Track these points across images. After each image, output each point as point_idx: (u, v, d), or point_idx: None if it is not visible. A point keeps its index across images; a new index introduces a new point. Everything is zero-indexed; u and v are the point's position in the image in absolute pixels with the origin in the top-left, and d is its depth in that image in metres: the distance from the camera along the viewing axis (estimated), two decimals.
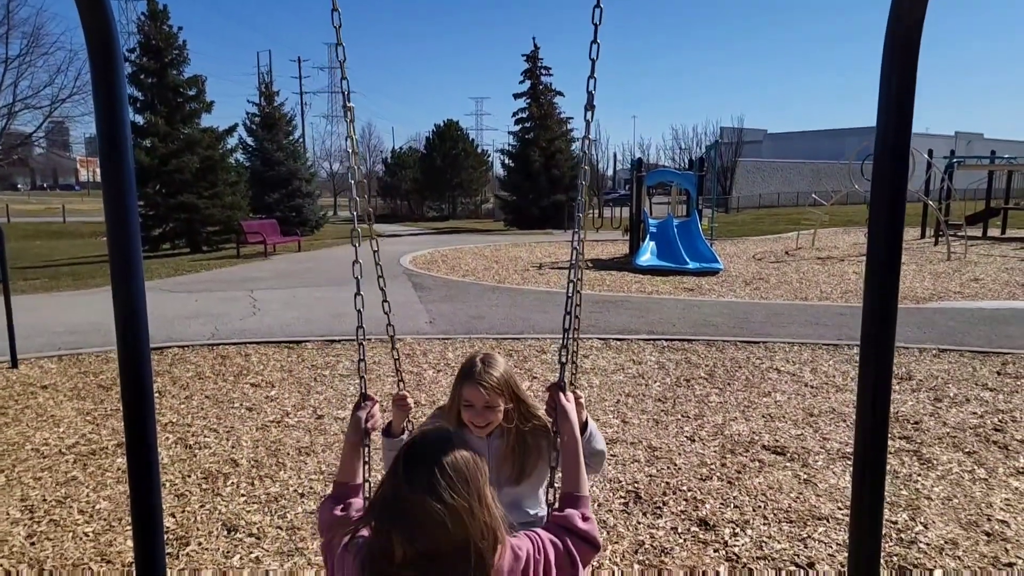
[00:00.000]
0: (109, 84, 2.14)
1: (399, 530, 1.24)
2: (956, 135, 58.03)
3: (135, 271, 2.24)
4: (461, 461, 1.31)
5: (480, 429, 2.05)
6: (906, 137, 1.90)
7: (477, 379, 2.02)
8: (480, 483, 1.32)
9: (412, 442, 1.38)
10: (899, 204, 1.93)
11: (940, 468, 4.14)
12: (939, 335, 7.78)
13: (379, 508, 1.31)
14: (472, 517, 1.26)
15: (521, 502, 2.11)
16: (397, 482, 1.29)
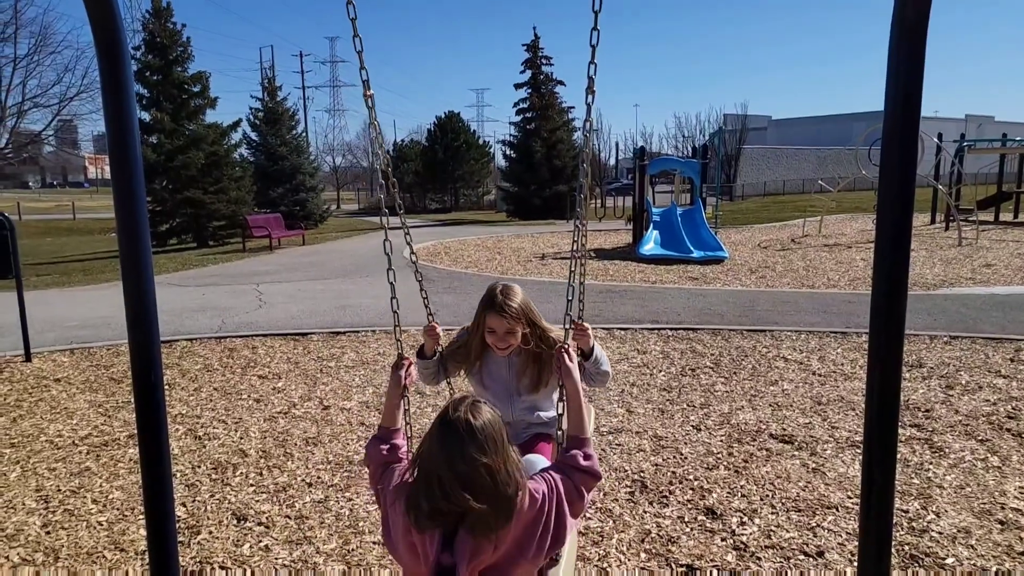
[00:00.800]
0: (117, 81, 2.15)
1: (438, 486, 1.52)
2: (966, 118, 57.55)
3: (145, 265, 2.25)
4: (488, 427, 1.57)
5: (501, 350, 2.42)
6: (915, 121, 1.89)
7: (498, 309, 2.36)
8: (503, 443, 1.59)
9: (446, 412, 1.61)
10: (908, 188, 1.92)
11: (952, 456, 4.13)
12: (950, 321, 7.74)
13: (421, 468, 1.59)
14: (498, 473, 1.53)
15: (537, 406, 2.53)
16: (435, 445, 1.56)
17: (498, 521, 1.53)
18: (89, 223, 31.92)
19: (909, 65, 1.85)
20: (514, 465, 1.59)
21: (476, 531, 1.53)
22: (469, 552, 1.53)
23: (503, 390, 2.54)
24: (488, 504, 1.51)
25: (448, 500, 1.51)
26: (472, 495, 1.50)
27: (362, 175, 58.43)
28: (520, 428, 2.56)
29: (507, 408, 2.52)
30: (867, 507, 2.07)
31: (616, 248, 16.31)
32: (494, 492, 1.52)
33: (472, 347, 2.51)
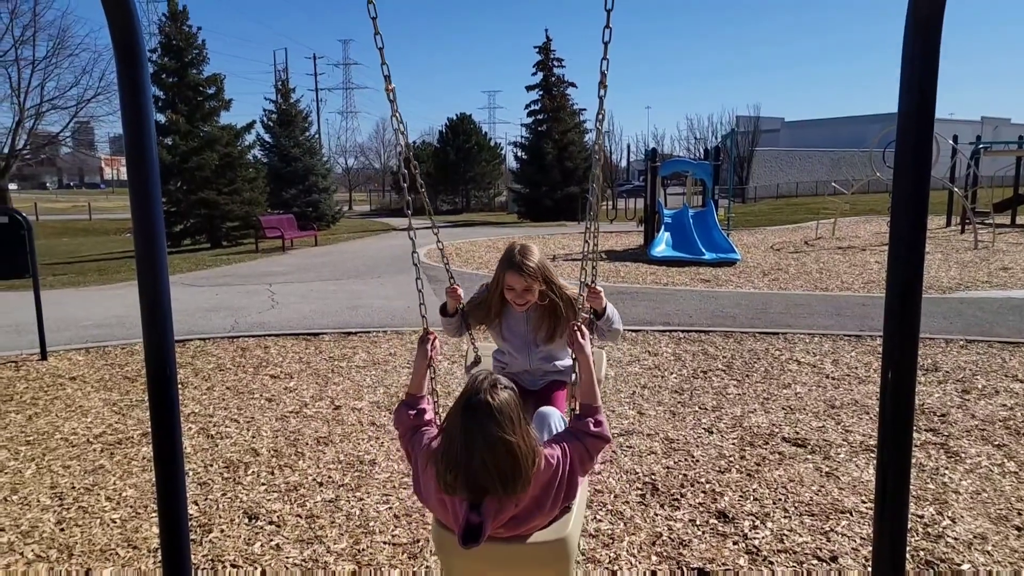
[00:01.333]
0: (135, 84, 2.17)
1: (464, 462, 1.70)
2: (982, 120, 56.92)
3: (160, 266, 2.27)
4: (506, 407, 1.74)
5: (519, 306, 2.61)
6: (929, 117, 1.87)
7: (517, 268, 2.53)
8: (520, 419, 1.76)
9: (468, 394, 1.78)
10: (922, 187, 1.90)
11: (968, 461, 4.08)
12: (966, 325, 7.66)
13: (448, 444, 1.77)
14: (517, 448, 1.71)
15: (553, 355, 2.72)
16: (459, 426, 1.74)
17: (518, 488, 1.75)
18: (105, 223, 32.25)
19: (924, 60, 1.83)
20: (531, 438, 1.77)
21: (499, 497, 1.75)
22: (494, 512, 1.76)
23: (521, 342, 2.74)
24: (509, 476, 1.72)
25: (473, 475, 1.71)
26: (494, 470, 1.70)
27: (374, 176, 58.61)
28: (537, 375, 2.76)
29: (525, 358, 2.73)
30: (881, 512, 2.05)
31: (627, 250, 16.26)
32: (514, 466, 1.72)
33: (492, 303, 2.68)
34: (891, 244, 1.94)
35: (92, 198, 51.70)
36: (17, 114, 20.29)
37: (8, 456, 4.40)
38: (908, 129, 1.87)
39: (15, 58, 20.27)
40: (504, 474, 1.71)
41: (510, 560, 1.91)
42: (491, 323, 2.75)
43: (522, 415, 1.79)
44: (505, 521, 1.81)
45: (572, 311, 2.53)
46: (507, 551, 1.88)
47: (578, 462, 1.90)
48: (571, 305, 2.57)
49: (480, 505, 1.75)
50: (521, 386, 2.76)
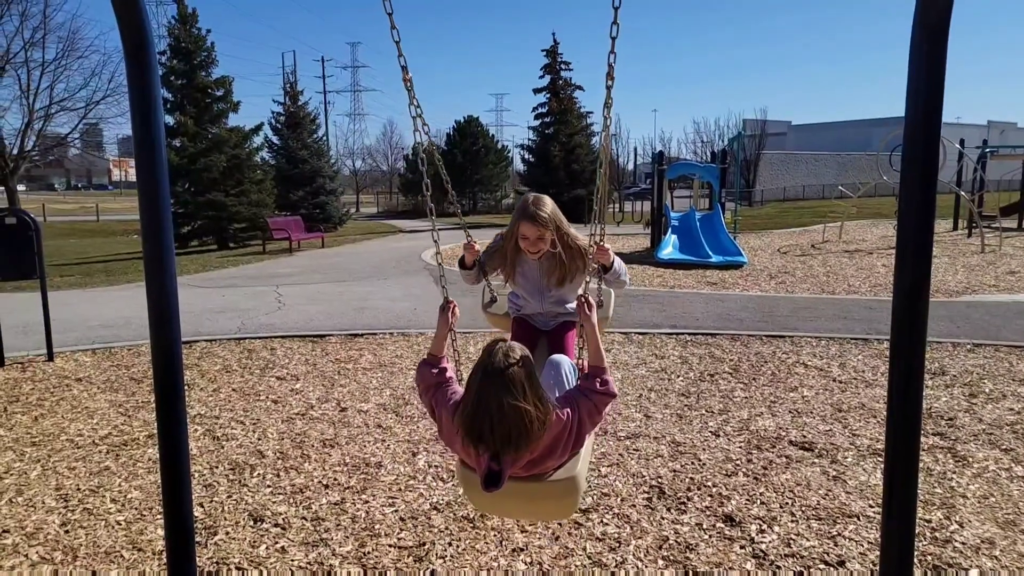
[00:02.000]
0: (145, 86, 2.18)
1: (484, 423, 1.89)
2: (989, 124, 56.64)
3: (168, 267, 2.28)
4: (520, 372, 1.91)
5: (533, 254, 2.75)
6: (936, 122, 1.86)
7: (531, 217, 2.66)
8: (534, 382, 1.94)
9: (485, 361, 1.95)
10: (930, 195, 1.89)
11: (976, 466, 4.05)
12: (973, 329, 7.61)
13: (468, 406, 1.95)
14: (530, 410, 1.89)
15: (564, 299, 2.87)
16: (478, 391, 1.92)
17: (531, 443, 1.95)
18: (112, 225, 32.42)
19: (931, 68, 1.82)
20: (542, 401, 1.95)
21: (516, 449, 1.95)
22: (511, 461, 1.96)
23: (535, 288, 2.89)
24: (519, 438, 1.90)
25: (492, 434, 1.90)
26: (507, 433, 1.89)
27: (381, 179, 58.75)
28: (549, 317, 2.95)
29: (538, 302, 2.91)
30: (889, 516, 2.03)
31: (634, 252, 16.24)
32: (523, 429, 1.90)
33: (507, 252, 2.82)
34: (898, 248, 1.93)
35: (100, 199, 51.98)
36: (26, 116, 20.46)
37: (14, 457, 4.41)
38: (915, 136, 1.86)
39: (25, 60, 20.44)
40: (514, 436, 1.91)
41: (527, 494, 2.17)
42: (506, 270, 2.89)
43: (536, 379, 1.96)
44: (522, 467, 2.05)
45: (582, 259, 2.69)
46: (524, 487, 2.12)
47: (587, 416, 2.10)
48: (581, 254, 2.70)
49: (500, 456, 1.94)
50: (534, 326, 2.95)
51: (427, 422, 4.92)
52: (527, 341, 2.71)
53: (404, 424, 4.90)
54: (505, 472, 1.94)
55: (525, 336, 2.89)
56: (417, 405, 5.29)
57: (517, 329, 2.98)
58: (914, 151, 1.88)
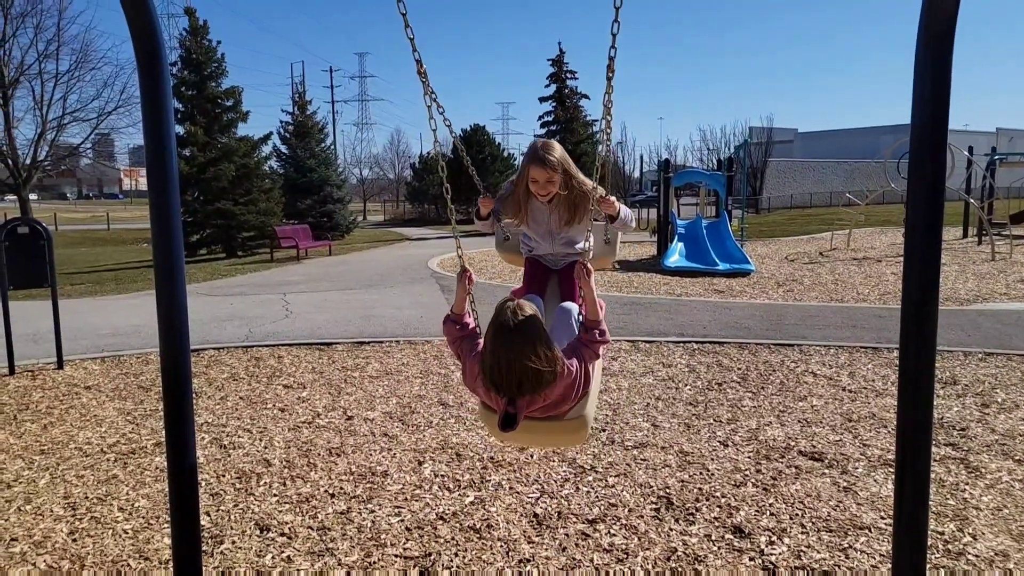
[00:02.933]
0: (157, 97, 2.20)
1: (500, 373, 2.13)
2: (997, 131, 56.33)
3: (178, 276, 2.29)
4: (530, 327, 2.12)
5: (543, 197, 2.86)
6: (942, 132, 1.85)
7: (540, 160, 2.76)
8: (543, 336, 2.15)
9: (498, 318, 2.17)
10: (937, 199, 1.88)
11: (989, 477, 4.00)
12: (984, 338, 7.55)
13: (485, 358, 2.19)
14: (540, 360, 2.10)
15: (572, 239, 2.99)
16: (492, 345, 2.16)
17: (543, 389, 2.17)
18: (122, 233, 32.63)
19: (936, 75, 1.82)
20: (550, 351, 2.14)
21: (530, 395, 2.17)
22: (525, 406, 2.19)
23: (545, 230, 3.00)
24: (530, 384, 2.13)
25: (507, 383, 2.14)
26: (519, 380, 2.12)
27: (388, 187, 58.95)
28: (559, 257, 3.07)
29: (549, 244, 3.03)
30: (900, 528, 2.01)
31: (641, 260, 16.21)
32: (539, 375, 2.12)
33: (519, 196, 2.93)
34: (906, 254, 1.92)
35: (111, 208, 52.36)
36: (39, 126, 20.64)
37: (23, 465, 4.43)
38: (922, 144, 1.85)
39: (39, 71, 20.65)
40: (525, 384, 2.13)
41: (542, 431, 2.44)
42: (519, 213, 3.00)
43: (544, 333, 2.17)
44: (536, 409, 2.27)
45: (589, 202, 2.79)
46: (539, 425, 2.39)
47: (588, 361, 2.36)
48: (588, 197, 2.81)
49: (515, 400, 2.17)
50: (545, 265, 3.10)
51: (433, 431, 4.91)
52: (539, 279, 3.03)
53: (410, 433, 4.89)
54: (520, 415, 2.18)
55: (537, 274, 3.07)
56: (423, 413, 5.29)
57: (529, 268, 3.12)
58: (921, 159, 1.87)
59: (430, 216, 44.00)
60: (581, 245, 2.90)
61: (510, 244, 3.28)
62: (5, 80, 19.84)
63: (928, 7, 1.86)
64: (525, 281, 3.06)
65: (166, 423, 2.33)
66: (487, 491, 3.94)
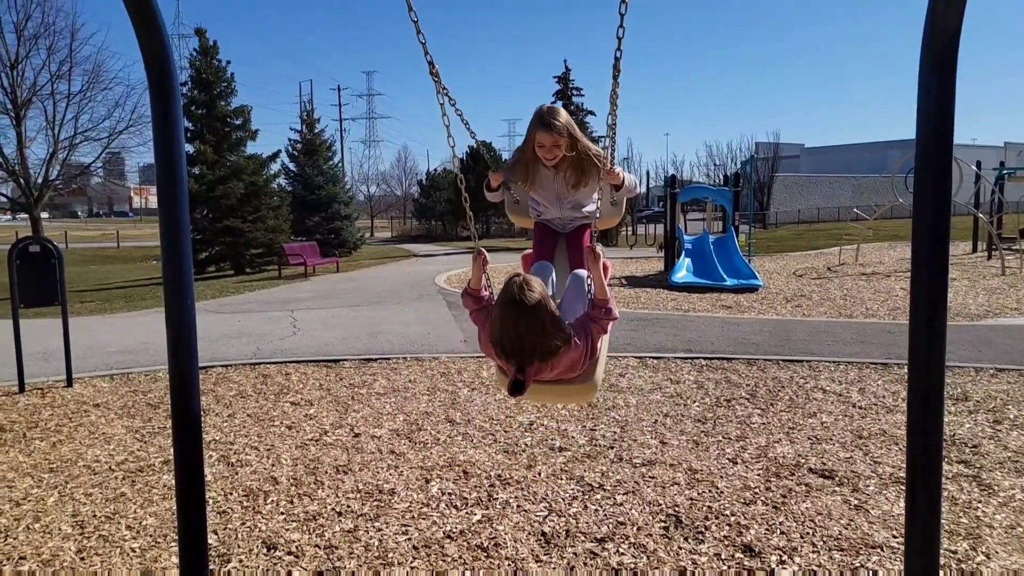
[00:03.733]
0: (168, 117, 2.24)
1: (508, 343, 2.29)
2: (1006, 145, 56.23)
3: (187, 293, 2.31)
4: (536, 302, 2.23)
5: (550, 161, 2.89)
6: (947, 150, 1.86)
7: (546, 125, 2.80)
8: (548, 310, 2.26)
9: (505, 294, 2.28)
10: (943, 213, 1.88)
11: (1002, 494, 3.96)
12: (996, 354, 7.49)
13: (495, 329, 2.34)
14: (546, 332, 2.25)
15: (579, 203, 3.04)
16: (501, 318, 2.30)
17: (549, 357, 2.31)
18: (132, 251, 32.88)
19: (940, 93, 1.83)
20: (557, 322, 2.29)
21: (538, 362, 2.31)
22: (534, 373, 2.33)
23: (553, 196, 3.05)
24: (536, 351, 2.27)
25: (514, 352, 2.29)
26: (526, 348, 2.26)
27: (396, 203, 59.25)
28: (567, 221, 3.12)
29: (557, 208, 3.07)
30: (912, 547, 1.99)
31: (648, 275, 16.20)
32: (545, 345, 2.27)
33: (526, 161, 2.98)
34: (913, 267, 1.93)
35: (120, 226, 52.79)
36: (51, 146, 20.85)
37: (32, 483, 4.44)
38: (927, 160, 1.86)
39: (51, 92, 20.89)
40: (531, 353, 2.28)
41: (552, 392, 2.62)
42: (526, 179, 3.05)
43: (551, 307, 2.29)
44: (547, 376, 2.41)
45: (595, 166, 2.87)
46: (550, 388, 2.55)
47: (596, 334, 2.49)
48: (594, 161, 2.88)
49: (524, 368, 2.30)
50: (553, 230, 3.14)
51: (440, 448, 4.90)
52: (548, 242, 3.10)
53: (417, 450, 4.88)
54: (528, 382, 2.32)
55: (546, 238, 3.13)
56: (430, 431, 5.28)
57: (538, 232, 3.17)
58: (926, 174, 1.88)
59: (437, 233, 44.20)
60: (589, 208, 3.03)
61: (520, 207, 3.32)
62: (18, 101, 20.09)
63: (931, 25, 1.88)
64: (535, 246, 3.13)
65: (174, 441, 2.34)
66: (495, 509, 3.92)
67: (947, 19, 1.85)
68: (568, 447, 4.86)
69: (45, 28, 20.44)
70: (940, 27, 1.86)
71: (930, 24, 1.87)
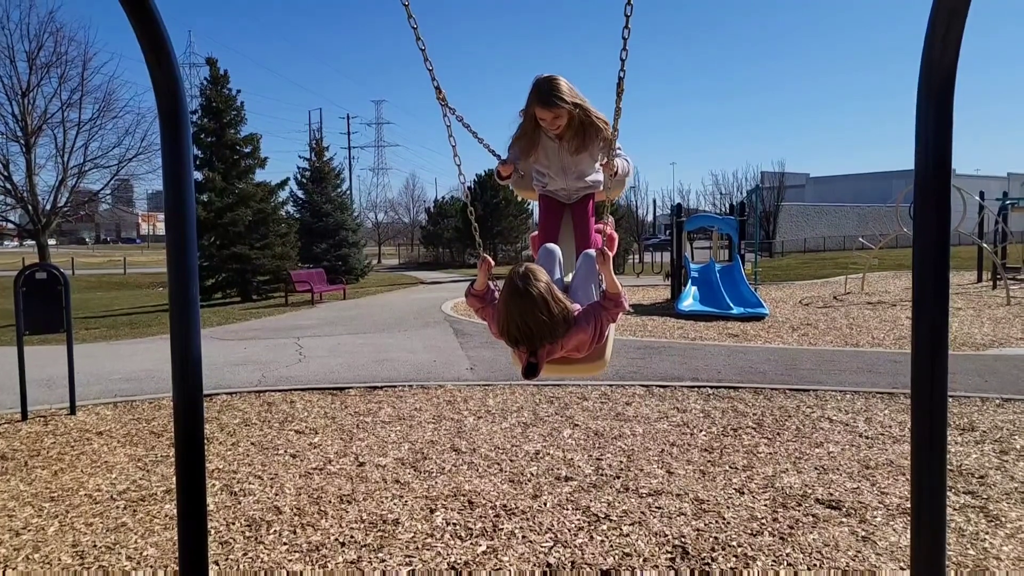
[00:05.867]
0: (177, 148, 2.28)
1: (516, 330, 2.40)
2: (1008, 176, 56.35)
3: (193, 321, 2.33)
4: (540, 289, 2.35)
5: (553, 131, 2.89)
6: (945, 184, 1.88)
7: (544, 102, 2.78)
8: (552, 295, 2.38)
9: (511, 282, 2.39)
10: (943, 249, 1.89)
11: (1009, 526, 3.90)
12: (1002, 383, 7.43)
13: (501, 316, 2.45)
14: (551, 316, 2.37)
15: (584, 173, 3.04)
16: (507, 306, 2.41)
17: (557, 338, 2.44)
18: (139, 278, 33.07)
19: (938, 125, 1.85)
20: (560, 304, 2.40)
21: (547, 344, 2.44)
22: (545, 355, 2.47)
23: (558, 167, 3.03)
24: (548, 333, 2.40)
25: (524, 338, 2.41)
26: (531, 333, 2.38)
27: (403, 230, 59.63)
28: (572, 191, 3.11)
29: (562, 178, 3.06)
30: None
31: (655, 304, 16.19)
32: (551, 327, 2.39)
33: (527, 133, 2.96)
34: (915, 299, 1.94)
35: (128, 253, 53.20)
36: (60, 173, 21.08)
37: (32, 513, 4.42)
38: (926, 191, 1.88)
39: (61, 120, 21.19)
40: (539, 337, 2.40)
41: (565, 368, 2.73)
42: (531, 151, 3.04)
43: (555, 291, 2.40)
44: (558, 357, 2.55)
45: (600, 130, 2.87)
46: (562, 367, 2.68)
47: (605, 321, 2.59)
48: (598, 126, 2.87)
49: (536, 352, 2.43)
50: (558, 201, 3.13)
51: (445, 477, 4.87)
52: (553, 214, 3.11)
53: (422, 480, 4.85)
54: (541, 364, 2.45)
55: (551, 209, 3.12)
56: (436, 459, 5.25)
57: (543, 203, 3.14)
58: (926, 205, 1.90)
59: (444, 260, 44.36)
60: (593, 178, 3.08)
61: (524, 180, 3.29)
62: (28, 129, 20.39)
63: (928, 57, 1.91)
64: (540, 222, 3.12)
65: (176, 469, 2.34)
66: (500, 540, 3.88)
67: (944, 52, 1.89)
68: (574, 476, 4.82)
69: (57, 57, 20.83)
70: (937, 59, 1.90)
71: (927, 56, 1.91)
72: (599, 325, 2.57)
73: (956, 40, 1.87)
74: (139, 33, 2.13)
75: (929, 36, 1.89)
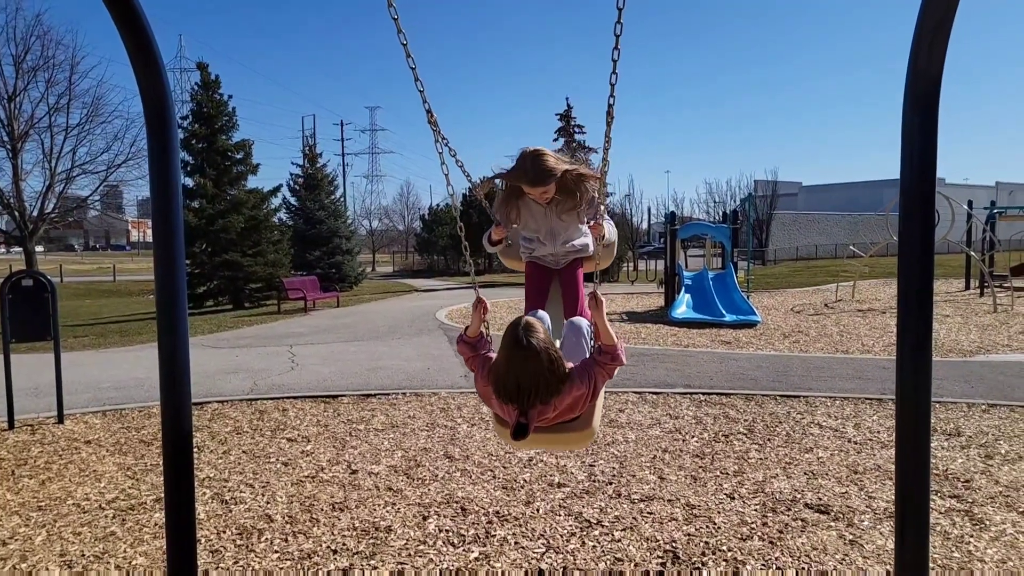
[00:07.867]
0: (164, 152, 2.28)
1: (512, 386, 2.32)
2: (997, 185, 56.88)
3: (181, 329, 2.33)
4: (539, 345, 2.28)
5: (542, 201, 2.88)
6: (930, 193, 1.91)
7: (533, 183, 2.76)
8: (550, 352, 2.30)
9: (510, 336, 2.32)
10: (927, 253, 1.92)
11: (993, 529, 3.94)
12: (988, 389, 7.49)
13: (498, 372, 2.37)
14: (549, 375, 2.30)
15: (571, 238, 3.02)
16: (505, 361, 2.33)
17: (551, 398, 2.35)
18: (128, 285, 32.89)
19: (923, 135, 1.89)
20: (556, 364, 2.32)
21: (540, 404, 2.34)
22: (536, 416, 2.36)
23: (547, 231, 3.01)
24: (540, 392, 2.31)
25: (518, 395, 2.32)
26: (531, 392, 2.30)
27: (397, 238, 59.54)
28: (560, 256, 3.08)
29: (551, 243, 3.03)
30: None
31: (648, 311, 16.23)
32: (548, 383, 2.31)
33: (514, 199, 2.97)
34: (899, 306, 1.97)
35: (117, 260, 52.92)
36: (48, 179, 20.87)
37: (19, 522, 4.39)
38: (911, 200, 1.91)
39: (49, 125, 20.97)
40: (535, 396, 2.31)
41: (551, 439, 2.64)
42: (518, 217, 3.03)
43: (552, 348, 2.34)
44: (547, 419, 2.44)
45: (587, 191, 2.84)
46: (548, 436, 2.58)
47: (600, 379, 2.51)
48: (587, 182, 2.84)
49: (527, 412, 2.33)
50: (546, 267, 3.10)
51: (438, 484, 4.87)
52: (542, 280, 3.07)
53: (415, 487, 4.85)
54: (531, 425, 2.35)
55: (540, 276, 3.08)
56: (429, 467, 5.25)
57: (530, 269, 3.10)
58: (911, 214, 1.93)
59: (439, 267, 44.33)
60: (580, 241, 3.05)
61: (511, 250, 3.27)
62: (15, 133, 20.18)
63: (913, 68, 1.95)
64: (528, 289, 3.05)
65: (165, 478, 2.34)
66: (492, 546, 3.89)
67: (929, 63, 1.93)
68: (567, 483, 4.83)
69: (44, 61, 20.67)
70: (922, 70, 1.93)
71: (912, 67, 1.94)
72: (594, 381, 2.49)
73: (941, 51, 1.91)
74: (125, 36, 2.13)
75: (915, 47, 1.92)
